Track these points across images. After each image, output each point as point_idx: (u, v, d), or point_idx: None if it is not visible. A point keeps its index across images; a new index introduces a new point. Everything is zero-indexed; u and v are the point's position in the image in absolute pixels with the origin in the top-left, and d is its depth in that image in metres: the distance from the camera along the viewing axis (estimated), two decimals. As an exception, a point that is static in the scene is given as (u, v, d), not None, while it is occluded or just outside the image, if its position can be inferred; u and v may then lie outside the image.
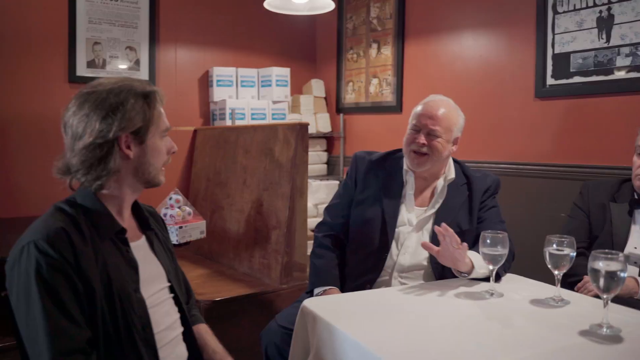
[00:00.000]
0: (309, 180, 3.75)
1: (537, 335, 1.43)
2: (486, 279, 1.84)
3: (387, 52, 4.09)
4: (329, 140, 4.64)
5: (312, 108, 4.48)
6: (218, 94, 4.04)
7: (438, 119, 2.02)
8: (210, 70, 4.08)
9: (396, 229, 2.06)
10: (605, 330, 1.43)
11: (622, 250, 2.12)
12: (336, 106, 4.60)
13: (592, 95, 2.85)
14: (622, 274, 1.40)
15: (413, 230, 2.05)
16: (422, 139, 2.02)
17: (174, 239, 2.71)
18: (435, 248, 1.81)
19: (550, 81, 3.01)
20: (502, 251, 1.70)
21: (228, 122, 3.94)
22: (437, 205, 2.08)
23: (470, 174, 2.15)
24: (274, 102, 4.18)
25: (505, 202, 3.27)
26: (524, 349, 1.34)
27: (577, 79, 2.89)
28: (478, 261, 1.85)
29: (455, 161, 2.19)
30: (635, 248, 2.13)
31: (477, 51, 3.44)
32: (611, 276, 1.40)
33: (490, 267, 1.73)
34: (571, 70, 2.90)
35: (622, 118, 2.74)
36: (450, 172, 2.12)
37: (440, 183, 2.10)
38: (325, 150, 4.61)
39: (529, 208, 3.13)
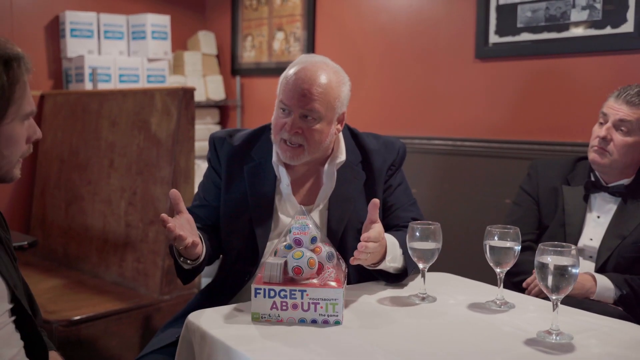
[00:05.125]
0: (197, 162, 3.74)
1: (477, 347, 1.49)
2: (396, 277, 1.92)
3: (296, -2, 4.09)
4: (223, 110, 4.61)
5: (200, 69, 4.43)
6: (73, 47, 3.91)
7: (315, 95, 1.85)
8: (62, 15, 3.93)
9: (268, 242, 1.96)
10: (554, 338, 1.51)
11: (575, 242, 2.24)
12: (231, 67, 4.56)
13: (543, 56, 2.99)
14: (573, 270, 1.48)
15: None
16: (294, 128, 1.86)
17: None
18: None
19: (493, 38, 3.13)
20: (435, 245, 1.75)
21: (88, 86, 3.83)
22: (325, 201, 1.99)
23: (369, 147, 2.04)
24: (150, 60, 4.10)
25: (440, 186, 3.39)
26: (462, 365, 1.39)
27: (525, 36, 3.01)
28: (392, 251, 1.86)
29: (346, 131, 2.07)
30: (591, 240, 2.25)
31: (408, 0, 3.51)
32: (561, 273, 1.48)
33: (421, 265, 1.77)
34: (518, 25, 3.03)
35: (578, 84, 2.90)
36: (340, 153, 2.01)
37: (326, 169, 1.99)
38: (218, 123, 4.57)
39: (468, 193, 3.25)
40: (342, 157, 2.00)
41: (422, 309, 1.75)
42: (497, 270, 1.74)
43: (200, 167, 3.92)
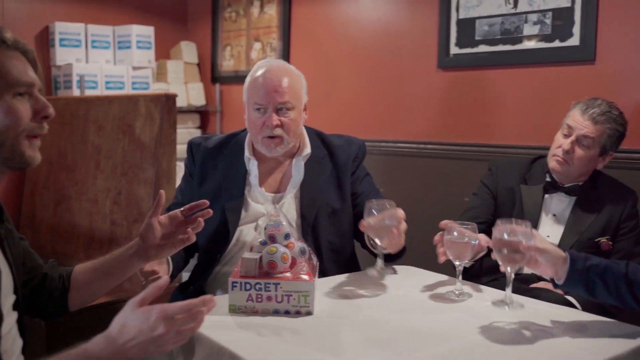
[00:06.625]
0: (178, 163, 3.72)
1: (437, 333, 1.51)
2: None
3: (272, 11, 4.10)
4: (203, 115, 4.59)
5: (182, 76, 4.41)
6: (62, 56, 3.87)
7: (285, 88, 1.99)
8: (51, 26, 3.89)
9: (238, 228, 2.05)
10: (508, 307, 1.55)
11: None
12: (211, 75, 4.55)
13: (499, 67, 3.03)
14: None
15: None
16: (274, 119, 1.98)
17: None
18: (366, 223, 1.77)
19: (454, 50, 3.16)
20: (391, 223, 1.76)
21: (76, 92, 3.79)
22: (295, 189, 2.08)
23: (332, 143, 2.17)
24: (135, 68, 4.07)
25: (405, 185, 3.42)
26: (421, 350, 1.41)
27: (482, 48, 3.06)
28: None
29: (312, 131, 2.20)
30: (548, 237, 2.26)
31: (375, 14, 3.53)
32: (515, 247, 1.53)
33: (378, 242, 1.79)
34: (476, 38, 3.07)
35: (530, 92, 2.95)
36: (306, 147, 2.13)
37: (294, 162, 2.10)
38: (199, 127, 4.56)
39: (430, 192, 3.28)
40: (307, 150, 2.12)
41: (387, 299, 1.77)
42: (456, 263, 1.77)
43: (182, 169, 3.91)
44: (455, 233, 1.74)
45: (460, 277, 1.79)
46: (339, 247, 2.13)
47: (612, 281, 1.54)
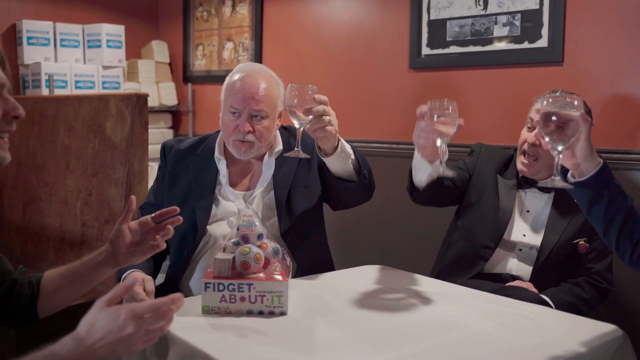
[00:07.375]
0: (150, 164, 3.68)
1: (411, 332, 1.51)
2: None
3: (244, 11, 4.08)
4: (175, 115, 4.56)
5: (154, 76, 4.37)
6: (30, 54, 3.82)
7: (261, 97, 2.01)
8: (19, 24, 3.84)
9: (208, 226, 2.06)
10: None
11: (502, 232, 2.23)
12: (183, 74, 4.51)
13: (470, 67, 3.06)
14: (574, 112, 1.46)
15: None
16: (247, 126, 2.01)
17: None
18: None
19: (425, 50, 3.18)
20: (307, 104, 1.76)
21: (45, 91, 3.74)
22: (264, 186, 2.10)
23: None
24: (105, 68, 4.03)
25: (377, 185, 3.42)
26: (397, 348, 1.41)
27: (453, 49, 3.08)
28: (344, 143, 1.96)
29: (281, 126, 2.23)
30: (524, 235, 2.25)
31: (347, 14, 3.54)
32: (564, 122, 1.46)
33: (296, 124, 1.79)
34: (447, 39, 3.09)
35: (501, 92, 2.97)
36: (278, 144, 2.17)
37: (265, 160, 2.13)
38: (171, 127, 4.52)
39: (402, 191, 3.28)
40: (279, 146, 2.16)
41: (362, 299, 1.77)
42: (438, 142, 1.67)
43: (154, 169, 3.87)
44: (435, 115, 1.66)
45: (443, 153, 1.68)
46: (313, 225, 2.15)
47: (615, 207, 1.49)
